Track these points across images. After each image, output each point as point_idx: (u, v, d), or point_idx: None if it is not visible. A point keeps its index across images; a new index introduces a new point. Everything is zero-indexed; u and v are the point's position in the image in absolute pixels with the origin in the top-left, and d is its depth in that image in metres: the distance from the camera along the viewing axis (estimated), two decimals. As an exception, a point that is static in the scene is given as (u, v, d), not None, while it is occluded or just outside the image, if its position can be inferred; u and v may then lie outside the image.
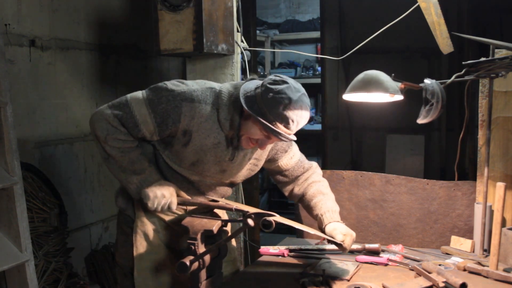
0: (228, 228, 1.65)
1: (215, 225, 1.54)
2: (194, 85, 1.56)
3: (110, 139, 1.56)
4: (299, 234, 2.19)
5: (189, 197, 1.68)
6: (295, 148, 1.79)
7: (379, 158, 3.86)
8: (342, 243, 1.60)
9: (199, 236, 1.51)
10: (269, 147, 1.69)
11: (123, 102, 1.55)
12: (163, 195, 1.59)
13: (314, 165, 1.84)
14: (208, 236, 1.55)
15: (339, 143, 4.02)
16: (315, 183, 1.82)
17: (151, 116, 1.52)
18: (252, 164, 1.69)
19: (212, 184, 1.70)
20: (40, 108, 2.65)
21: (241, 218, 1.51)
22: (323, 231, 1.72)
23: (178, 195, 1.67)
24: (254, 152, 1.67)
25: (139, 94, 1.55)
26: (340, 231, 1.64)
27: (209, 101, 1.52)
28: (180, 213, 1.68)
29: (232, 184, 1.75)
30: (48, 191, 2.53)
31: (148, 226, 1.68)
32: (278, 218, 1.48)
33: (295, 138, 1.52)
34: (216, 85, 1.58)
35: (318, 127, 4.62)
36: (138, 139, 1.61)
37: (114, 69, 3.11)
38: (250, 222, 1.48)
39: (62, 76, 2.77)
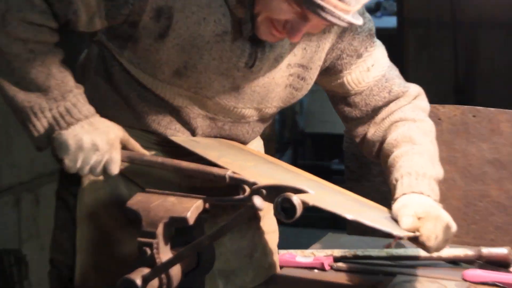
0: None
1: (191, 209, 1.22)
2: None
3: (13, 18, 1.28)
4: (352, 226, 1.84)
5: (144, 151, 1.36)
6: (377, 51, 1.46)
7: (508, 82, 3.31)
8: (416, 234, 1.27)
9: (160, 230, 1.22)
10: (324, 44, 1.39)
11: None
12: (95, 146, 1.29)
13: (412, 89, 1.50)
14: (178, 230, 1.27)
15: (432, 52, 3.54)
16: (405, 123, 1.46)
17: None
18: (294, 75, 1.39)
19: (219, 117, 1.40)
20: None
21: (242, 195, 1.25)
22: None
23: (124, 147, 1.33)
24: (296, 51, 1.38)
25: None
26: (412, 209, 1.30)
27: None
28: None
29: (262, 117, 1.45)
30: None
31: (103, 191, 1.43)
32: (313, 197, 1.18)
33: (359, 22, 1.26)
34: None
35: (390, 21, 3.98)
36: (63, 30, 1.34)
37: None
38: (258, 201, 1.17)
39: None
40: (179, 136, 1.42)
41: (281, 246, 1.76)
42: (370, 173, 1.94)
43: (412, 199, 1.33)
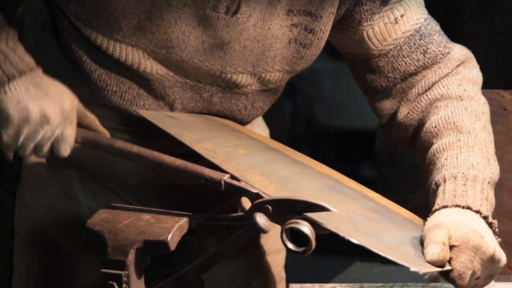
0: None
1: (172, 230, 1.22)
2: None
3: None
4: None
5: (105, 131, 1.38)
6: (412, 1, 1.48)
7: None
8: (447, 269, 1.28)
9: (131, 259, 1.21)
10: None
11: None
12: (45, 118, 1.29)
13: (456, 51, 1.49)
14: (156, 259, 1.30)
15: (496, 19, 3.54)
16: (448, 103, 1.45)
17: None
18: (300, 27, 1.42)
19: (203, 84, 1.44)
20: None
21: (241, 212, 1.26)
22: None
23: (81, 124, 1.35)
24: None
25: None
26: (444, 234, 1.28)
27: None
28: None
29: (263, 86, 1.48)
30: None
31: (51, 189, 1.46)
32: (336, 224, 1.22)
33: None
34: None
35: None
36: None
37: None
38: (261, 221, 1.19)
39: None
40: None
41: (293, 278, 1.78)
42: (413, 182, 1.93)
43: (451, 217, 1.32)
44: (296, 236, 1.19)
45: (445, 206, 1.34)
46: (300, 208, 1.18)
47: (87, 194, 1.45)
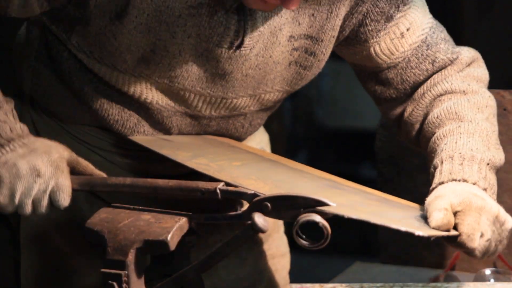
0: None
1: (172, 229, 1.22)
2: None
3: None
4: (387, 253, 1.89)
5: (100, 172, 1.38)
6: (415, 9, 1.47)
7: None
8: (454, 233, 1.27)
9: (131, 258, 1.21)
10: (339, 9, 1.42)
11: None
12: (36, 171, 1.32)
13: (464, 54, 1.50)
14: (156, 259, 1.28)
15: (496, 18, 3.54)
16: (451, 96, 1.47)
17: None
18: (301, 50, 1.43)
19: (203, 113, 1.44)
20: None
21: (239, 211, 1.26)
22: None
23: (73, 169, 1.35)
24: (301, 19, 1.40)
25: None
26: (446, 201, 1.28)
27: None
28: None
29: (262, 106, 1.49)
30: None
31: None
32: (337, 208, 1.20)
33: None
34: None
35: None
36: None
37: None
38: (259, 220, 1.19)
39: None
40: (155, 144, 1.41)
41: (293, 278, 1.80)
42: (412, 182, 1.93)
43: (449, 188, 1.31)
44: (308, 232, 1.18)
45: (442, 183, 1.34)
46: (299, 203, 1.17)
47: (92, 209, 1.43)
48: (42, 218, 1.43)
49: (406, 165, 1.78)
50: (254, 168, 1.38)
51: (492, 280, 1.70)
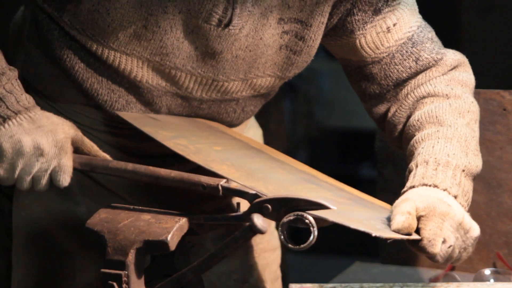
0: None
1: (172, 230, 1.22)
2: None
3: None
4: (388, 253, 1.87)
5: (105, 154, 1.38)
6: (403, 6, 1.48)
7: None
8: (414, 237, 1.29)
9: (131, 259, 1.22)
10: None
11: None
12: (39, 150, 1.32)
13: (449, 57, 1.51)
14: (155, 259, 1.29)
15: (496, 17, 3.56)
16: (433, 99, 1.48)
17: None
18: (290, 34, 1.44)
19: (194, 95, 1.44)
20: None
21: (239, 212, 1.25)
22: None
23: (77, 148, 1.36)
24: (291, 2, 1.41)
25: None
26: (410, 205, 1.29)
27: None
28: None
29: (255, 92, 1.49)
30: None
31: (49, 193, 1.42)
32: (336, 215, 1.22)
33: None
34: None
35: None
36: None
37: None
38: (259, 222, 1.20)
39: None
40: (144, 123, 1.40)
41: (293, 278, 1.78)
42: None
43: (416, 192, 1.32)
44: (295, 233, 1.18)
45: (413, 187, 1.35)
46: (300, 206, 1.18)
47: (84, 193, 1.45)
48: (34, 204, 1.46)
49: (406, 165, 1.77)
50: (233, 154, 1.39)
51: (492, 280, 1.69)
